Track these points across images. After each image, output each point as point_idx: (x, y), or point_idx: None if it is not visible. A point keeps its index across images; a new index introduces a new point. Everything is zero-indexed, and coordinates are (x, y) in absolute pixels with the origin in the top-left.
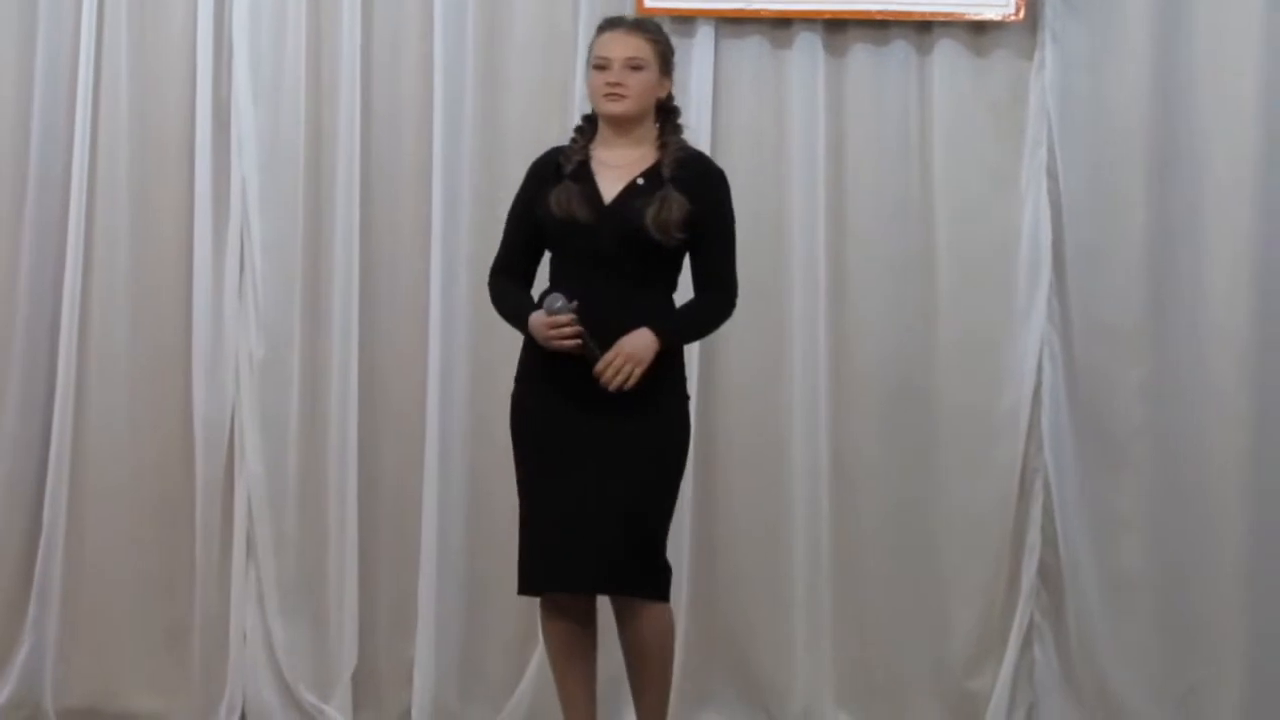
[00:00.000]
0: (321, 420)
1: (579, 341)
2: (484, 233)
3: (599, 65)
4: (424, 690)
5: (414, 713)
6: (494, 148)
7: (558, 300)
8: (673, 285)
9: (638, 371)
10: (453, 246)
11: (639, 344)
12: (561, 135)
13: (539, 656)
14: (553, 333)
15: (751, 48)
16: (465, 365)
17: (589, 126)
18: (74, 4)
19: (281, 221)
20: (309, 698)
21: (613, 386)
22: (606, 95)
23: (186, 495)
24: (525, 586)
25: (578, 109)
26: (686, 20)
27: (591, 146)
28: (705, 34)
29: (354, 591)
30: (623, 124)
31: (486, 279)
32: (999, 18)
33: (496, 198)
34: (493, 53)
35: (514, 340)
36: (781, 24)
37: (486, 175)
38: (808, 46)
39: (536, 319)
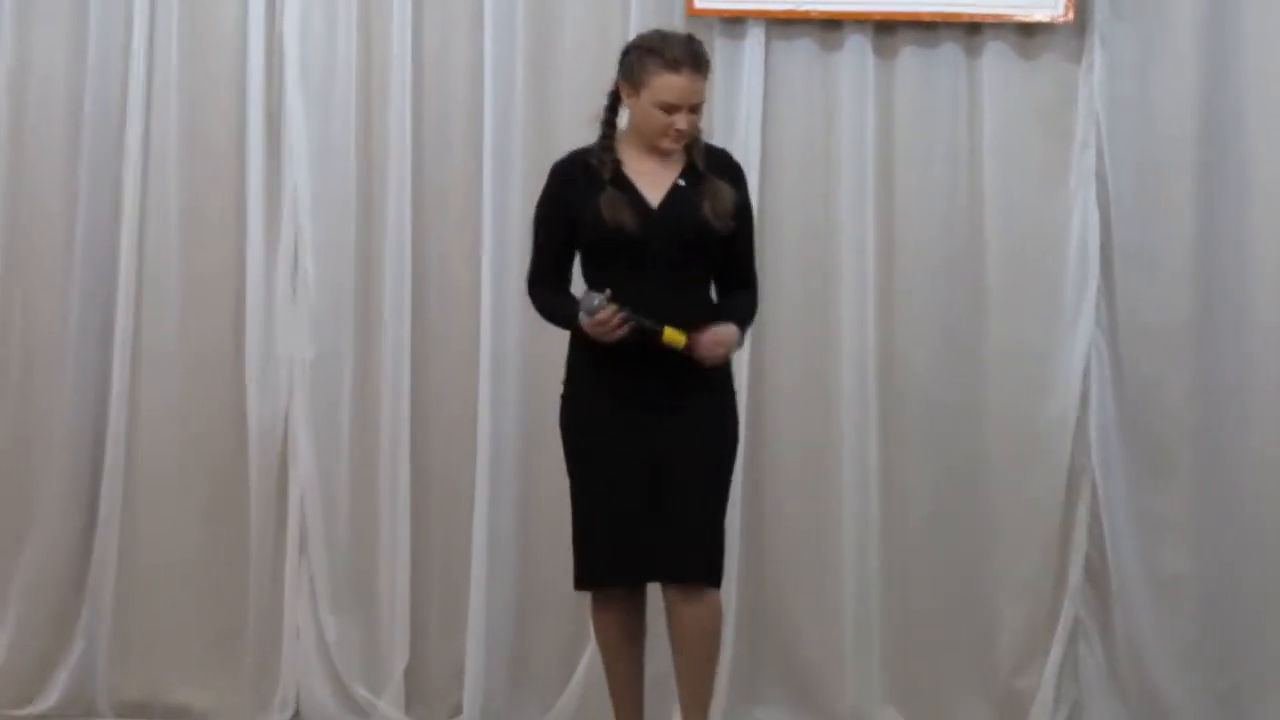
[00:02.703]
0: (373, 421)
1: (631, 324)
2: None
3: (668, 108)
4: (475, 687)
5: (465, 709)
6: (543, 153)
7: (593, 299)
8: (710, 282)
9: (725, 355)
10: (503, 249)
11: (730, 331)
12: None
13: (589, 656)
14: (602, 330)
15: (801, 49)
16: (516, 366)
17: (612, 133)
18: (125, 11)
19: (333, 226)
20: (362, 693)
21: (707, 363)
22: (672, 137)
23: (240, 495)
24: (584, 581)
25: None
26: (737, 21)
27: (621, 155)
28: (755, 35)
29: (406, 589)
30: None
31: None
32: (1048, 19)
33: None
34: (542, 60)
35: (564, 339)
36: (831, 25)
37: (535, 180)
38: (857, 48)
39: (584, 324)
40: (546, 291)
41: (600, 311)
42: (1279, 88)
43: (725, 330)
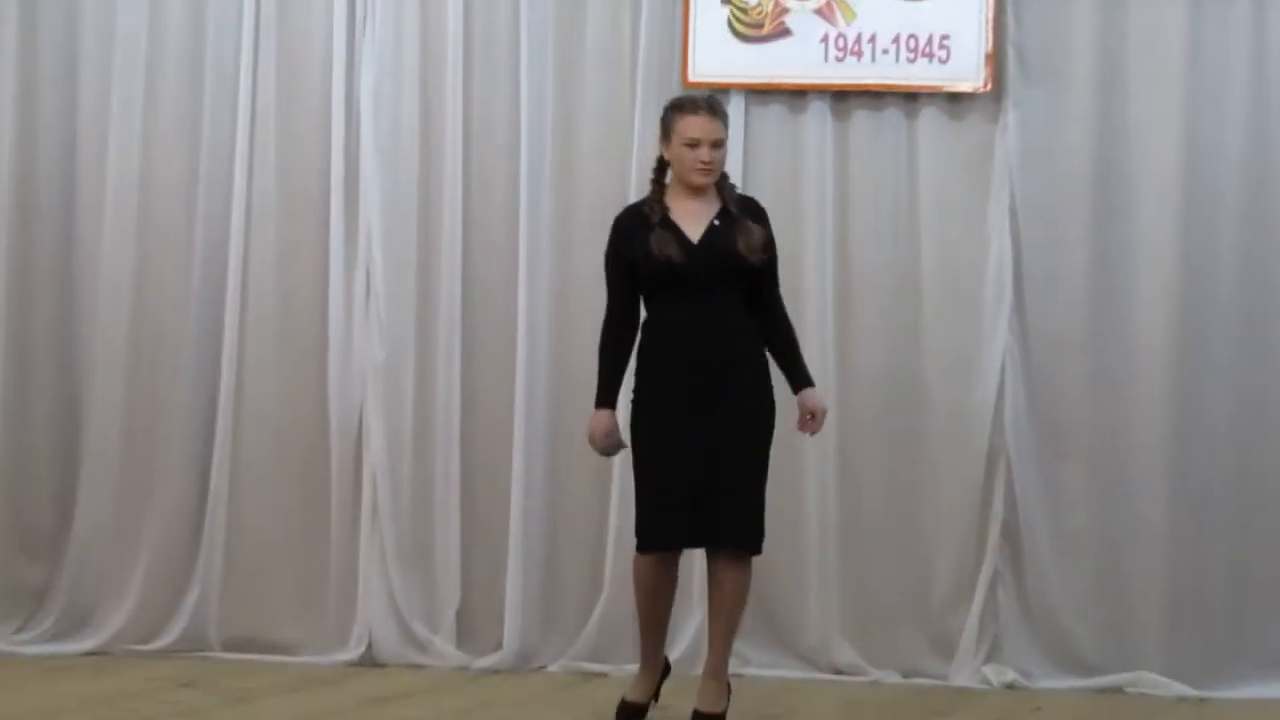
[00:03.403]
0: (430, 413)
1: (599, 452)
2: (560, 262)
3: (691, 144)
4: (512, 627)
5: (504, 644)
6: (568, 194)
7: (616, 439)
8: (746, 303)
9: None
10: (535, 275)
11: (818, 404)
12: (619, 187)
13: (604, 599)
14: (600, 443)
15: (773, 114)
16: (545, 370)
17: (661, 185)
18: (233, 83)
19: (398, 255)
20: (421, 632)
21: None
22: (698, 170)
23: (324, 472)
24: (647, 546)
25: (634, 166)
26: (721, 91)
27: (666, 202)
28: (736, 102)
29: (456, 548)
30: (699, 187)
31: (563, 297)
32: (971, 90)
33: (571, 237)
34: (566, 121)
35: (584, 351)
36: (798, 94)
37: (561, 217)
38: (818, 113)
39: (606, 424)
40: (611, 339)
41: (608, 449)
42: (1156, 143)
43: (819, 410)
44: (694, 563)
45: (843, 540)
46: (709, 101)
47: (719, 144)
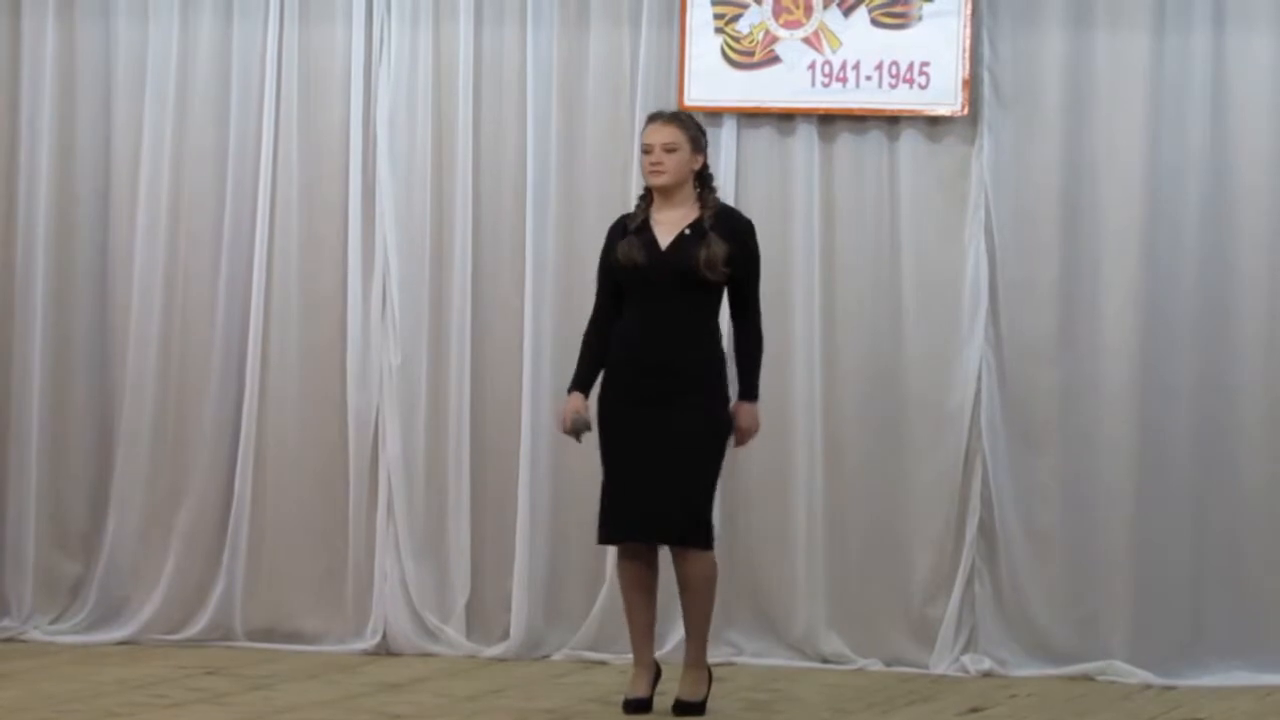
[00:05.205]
0: (443, 413)
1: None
2: (565, 272)
3: (645, 150)
4: (519, 615)
5: (511, 632)
6: (572, 208)
7: (582, 423)
8: (714, 312)
9: (757, 426)
10: (541, 284)
11: (753, 417)
12: (623, 199)
13: (605, 591)
14: (566, 423)
15: (764, 135)
16: (549, 372)
17: (649, 194)
18: (257, 106)
19: (412, 264)
20: (433, 621)
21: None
22: (649, 172)
23: (342, 470)
24: (603, 538)
25: (635, 179)
26: (716, 115)
27: (651, 209)
28: (730, 125)
29: (466, 541)
30: (666, 192)
31: (567, 305)
32: (949, 113)
33: (573, 248)
34: (571, 139)
35: None
36: (786, 118)
37: (565, 231)
38: (806, 135)
39: (575, 404)
40: (591, 337)
41: (571, 428)
42: (1121, 163)
43: (748, 422)
44: None
45: (829, 536)
46: (666, 111)
47: (671, 148)
